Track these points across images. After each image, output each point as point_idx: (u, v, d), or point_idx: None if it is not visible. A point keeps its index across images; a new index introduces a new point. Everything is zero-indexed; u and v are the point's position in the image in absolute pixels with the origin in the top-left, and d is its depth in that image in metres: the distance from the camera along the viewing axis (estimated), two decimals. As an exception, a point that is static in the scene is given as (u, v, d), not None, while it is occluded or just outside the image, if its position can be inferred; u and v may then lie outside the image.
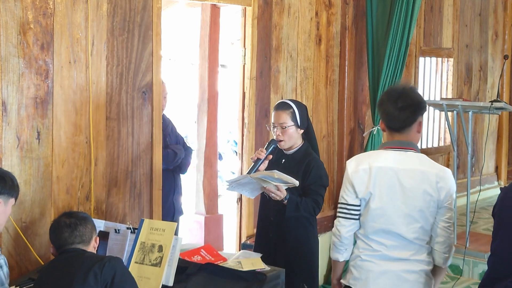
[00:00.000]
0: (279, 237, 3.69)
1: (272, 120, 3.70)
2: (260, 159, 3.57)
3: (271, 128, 3.73)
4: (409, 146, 2.93)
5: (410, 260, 2.92)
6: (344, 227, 2.98)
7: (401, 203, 2.88)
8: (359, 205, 2.96)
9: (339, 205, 3.02)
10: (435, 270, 3.00)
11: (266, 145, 3.64)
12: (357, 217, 2.97)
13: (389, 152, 2.93)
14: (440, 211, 2.91)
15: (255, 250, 3.72)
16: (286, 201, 3.48)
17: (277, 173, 3.33)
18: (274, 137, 3.69)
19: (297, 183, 3.40)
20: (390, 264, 2.92)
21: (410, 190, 2.87)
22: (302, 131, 3.71)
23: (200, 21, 5.09)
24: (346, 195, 2.98)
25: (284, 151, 3.72)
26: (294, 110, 3.66)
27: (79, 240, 2.88)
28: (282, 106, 3.68)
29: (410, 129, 2.94)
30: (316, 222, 3.79)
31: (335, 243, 3.03)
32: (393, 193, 2.89)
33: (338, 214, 3.01)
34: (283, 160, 3.70)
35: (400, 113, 2.89)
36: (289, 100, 3.80)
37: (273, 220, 3.69)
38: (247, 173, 3.52)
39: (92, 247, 2.94)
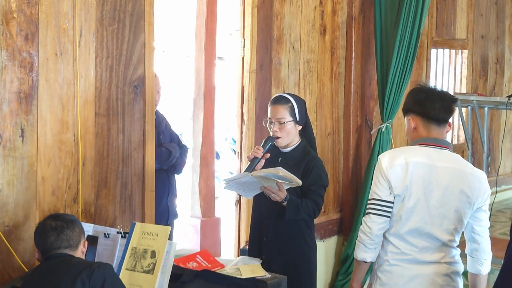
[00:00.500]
0: (274, 241, 3.68)
1: (269, 115, 3.69)
2: (257, 158, 3.56)
3: (267, 124, 3.72)
4: (444, 144, 2.97)
5: (441, 263, 2.94)
6: (376, 224, 2.96)
7: (436, 201, 2.90)
8: (392, 202, 2.95)
9: (370, 201, 3.01)
10: (475, 279, 3.02)
11: (262, 143, 3.63)
12: (389, 214, 2.96)
13: (425, 148, 2.96)
14: (475, 215, 2.94)
15: (249, 255, 3.72)
16: (285, 203, 3.48)
17: (282, 171, 3.32)
18: (271, 134, 3.68)
19: (300, 182, 3.40)
20: (421, 267, 2.93)
21: (447, 189, 2.89)
22: (300, 127, 3.71)
23: (196, 10, 5.08)
24: (380, 191, 2.96)
25: (280, 149, 3.71)
26: (292, 105, 3.66)
27: (66, 244, 2.87)
28: (280, 100, 3.68)
29: (445, 124, 3.00)
30: (313, 224, 3.80)
31: (364, 241, 3.00)
32: (429, 191, 2.90)
33: (368, 211, 3.00)
34: (280, 159, 3.69)
35: (444, 104, 2.96)
36: (287, 94, 3.80)
37: (268, 222, 3.68)
38: (246, 171, 3.51)
39: (80, 252, 2.94)
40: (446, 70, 7.19)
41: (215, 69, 5.11)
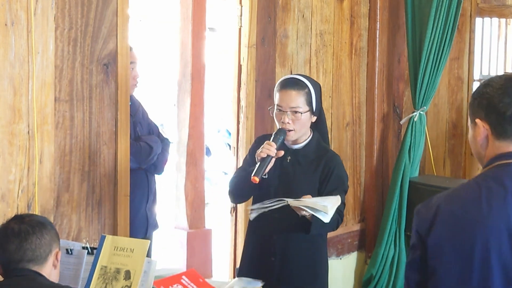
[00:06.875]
0: (285, 261, 3.69)
1: (278, 101, 3.66)
2: (270, 157, 3.53)
3: (273, 113, 3.70)
4: None
5: None
6: None
7: None
8: None
9: None
10: None
11: (272, 137, 3.61)
12: None
13: None
14: None
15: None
16: (310, 215, 3.48)
17: (330, 207, 3.32)
18: (278, 125, 3.67)
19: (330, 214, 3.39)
20: None
21: None
22: (315, 118, 3.71)
23: (181, -31, 5.07)
24: None
25: (288, 145, 3.70)
26: (309, 90, 3.64)
27: (30, 256, 2.80)
28: (295, 84, 3.65)
29: None
30: (326, 237, 3.83)
31: None
32: None
33: None
34: (289, 158, 3.68)
35: None
36: (301, 75, 3.78)
37: (276, 239, 3.68)
38: (254, 174, 3.48)
39: (50, 266, 2.87)
40: (495, 44, 7.17)
41: (205, 43, 5.11)
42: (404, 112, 5.84)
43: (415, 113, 5.58)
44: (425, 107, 5.59)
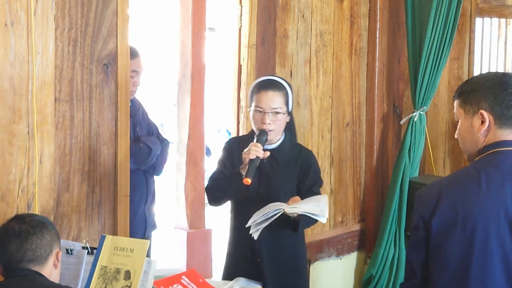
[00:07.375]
0: (271, 261, 3.72)
1: (258, 103, 3.71)
2: (259, 158, 3.56)
3: (251, 114, 3.73)
4: None
5: None
6: None
7: None
8: None
9: None
10: None
11: (256, 138, 3.65)
12: None
13: None
14: None
15: (232, 275, 3.78)
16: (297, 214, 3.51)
17: (326, 209, 3.40)
18: (255, 126, 3.70)
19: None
20: None
21: None
22: (289, 118, 3.78)
23: (181, -31, 5.07)
24: None
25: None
26: (287, 92, 3.73)
27: (31, 256, 2.81)
28: (274, 86, 3.73)
29: None
30: (304, 233, 3.90)
31: None
32: None
33: None
34: (266, 158, 3.70)
35: None
36: (276, 77, 3.89)
37: (261, 239, 3.69)
38: (246, 176, 3.50)
39: (51, 266, 2.89)
40: (495, 45, 7.17)
41: (205, 43, 5.11)
42: (404, 112, 5.84)
43: (415, 113, 5.58)
44: (425, 107, 5.59)
